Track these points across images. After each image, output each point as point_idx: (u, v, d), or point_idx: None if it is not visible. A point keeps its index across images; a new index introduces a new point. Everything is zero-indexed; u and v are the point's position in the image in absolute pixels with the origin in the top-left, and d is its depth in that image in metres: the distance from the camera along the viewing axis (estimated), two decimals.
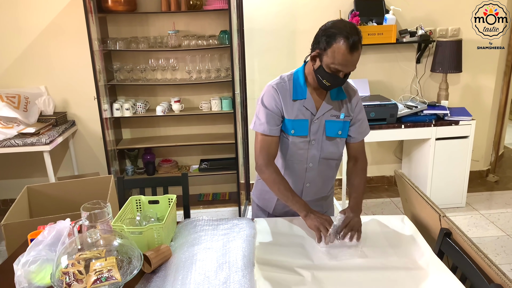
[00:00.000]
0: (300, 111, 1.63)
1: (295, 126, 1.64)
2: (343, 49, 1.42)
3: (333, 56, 1.45)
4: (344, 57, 1.43)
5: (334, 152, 1.71)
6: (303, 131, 1.65)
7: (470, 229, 3.11)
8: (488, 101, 3.75)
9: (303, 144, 1.67)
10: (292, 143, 1.67)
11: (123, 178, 2.04)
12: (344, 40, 1.42)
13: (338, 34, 1.43)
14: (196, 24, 3.40)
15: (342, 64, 1.45)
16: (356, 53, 1.44)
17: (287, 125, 1.64)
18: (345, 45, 1.42)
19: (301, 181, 1.73)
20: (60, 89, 3.51)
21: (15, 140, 3.04)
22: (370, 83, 3.54)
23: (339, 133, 1.67)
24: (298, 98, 1.63)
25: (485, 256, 1.24)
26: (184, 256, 1.45)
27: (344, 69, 1.47)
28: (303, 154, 1.68)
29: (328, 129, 1.65)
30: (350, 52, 1.43)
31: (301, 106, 1.63)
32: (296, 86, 1.64)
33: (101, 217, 1.45)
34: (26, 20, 3.33)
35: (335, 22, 1.48)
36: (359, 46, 1.44)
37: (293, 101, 1.63)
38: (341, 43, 1.42)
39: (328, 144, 1.68)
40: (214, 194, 3.82)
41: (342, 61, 1.44)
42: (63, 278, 1.25)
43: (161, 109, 3.35)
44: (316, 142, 1.67)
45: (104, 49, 3.23)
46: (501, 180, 3.97)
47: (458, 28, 3.53)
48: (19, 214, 2.23)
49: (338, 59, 1.44)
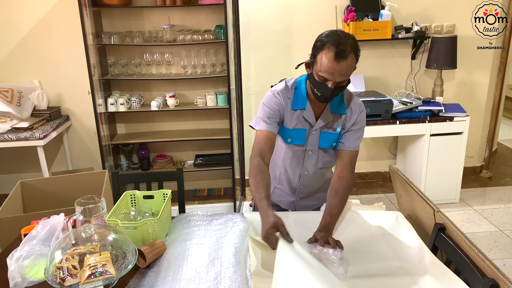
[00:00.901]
0: (298, 121, 1.63)
1: (293, 135, 1.65)
2: (329, 56, 1.40)
3: (320, 63, 1.44)
4: (330, 64, 1.41)
5: (330, 161, 1.74)
6: (300, 140, 1.66)
7: (464, 225, 3.13)
8: (482, 98, 3.77)
9: (299, 153, 1.70)
10: (288, 150, 1.70)
11: (117, 173, 2.04)
12: (331, 47, 1.40)
13: (328, 42, 1.41)
14: (191, 18, 3.38)
15: (328, 72, 1.42)
16: (343, 62, 1.40)
17: (285, 132, 1.66)
18: (331, 53, 1.39)
19: (295, 183, 1.78)
20: (54, 84, 3.48)
21: (8, 134, 3.02)
22: (365, 79, 3.54)
23: (333, 145, 1.69)
24: (298, 108, 1.62)
25: (479, 251, 1.25)
26: (177, 251, 1.45)
27: (330, 78, 1.43)
28: (298, 162, 1.72)
29: (322, 140, 1.66)
30: (336, 60, 1.39)
31: (300, 116, 1.63)
32: (298, 95, 1.62)
33: (96, 212, 1.44)
34: (19, 14, 3.29)
35: (331, 31, 1.46)
36: (347, 55, 1.40)
37: (293, 111, 1.63)
38: (328, 50, 1.41)
39: (323, 154, 1.71)
40: (209, 190, 3.82)
41: (328, 68, 1.42)
42: (57, 273, 1.24)
43: (156, 104, 3.34)
44: (312, 153, 1.69)
45: (98, 43, 3.21)
46: (495, 176, 4.00)
47: (453, 25, 3.53)
48: (13, 209, 2.22)
49: (324, 66, 1.42)
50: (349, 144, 1.66)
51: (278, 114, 1.62)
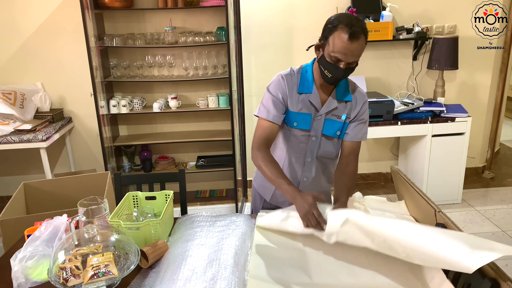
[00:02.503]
0: (304, 105, 1.64)
1: (298, 119, 1.65)
2: (343, 37, 1.43)
3: (333, 44, 1.46)
4: (344, 44, 1.44)
5: (331, 151, 1.72)
6: (306, 125, 1.65)
7: (466, 225, 3.12)
8: (484, 98, 3.77)
9: (304, 138, 1.68)
10: (294, 136, 1.68)
11: (120, 174, 2.05)
12: (344, 28, 1.43)
13: (340, 23, 1.44)
14: (193, 20, 3.39)
15: (342, 52, 1.45)
16: (356, 42, 1.43)
17: (290, 116, 1.65)
18: (345, 33, 1.43)
19: (298, 174, 1.75)
20: (56, 86, 3.50)
21: (11, 136, 3.03)
22: (367, 80, 3.55)
23: (337, 134, 1.68)
24: (304, 92, 1.63)
25: None
26: (177, 251, 1.45)
27: (344, 58, 1.46)
28: (303, 148, 1.70)
29: (326, 127, 1.66)
30: (349, 40, 1.43)
31: (306, 100, 1.64)
32: (304, 79, 1.64)
33: (98, 213, 1.45)
34: (22, 16, 3.31)
35: (341, 14, 1.50)
36: (361, 36, 1.43)
37: (299, 94, 1.64)
38: (341, 31, 1.44)
39: (325, 142, 1.69)
40: (211, 191, 3.83)
41: (342, 48, 1.45)
42: (60, 274, 1.25)
43: (158, 106, 3.35)
44: (316, 139, 1.68)
45: (100, 46, 3.22)
46: (497, 177, 3.99)
47: (454, 25, 3.54)
48: (16, 210, 2.23)
49: (337, 47, 1.45)
50: (353, 134, 1.67)
51: (283, 103, 1.63)
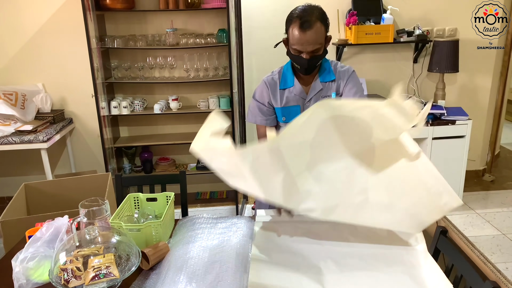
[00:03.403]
0: (289, 99, 1.74)
1: (285, 113, 1.73)
2: (296, 29, 1.54)
3: (291, 37, 1.58)
4: (298, 36, 1.54)
5: None
6: (295, 116, 1.62)
7: (466, 228, 3.12)
8: (484, 101, 3.77)
9: None
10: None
11: (121, 176, 2.05)
12: (296, 20, 1.53)
13: (293, 16, 1.55)
14: (194, 22, 3.40)
15: (298, 44, 1.55)
16: (310, 31, 1.52)
17: (277, 113, 1.77)
18: (297, 25, 1.53)
19: None
20: (57, 87, 3.50)
21: (12, 137, 3.04)
22: (368, 82, 3.55)
23: None
24: (286, 87, 1.74)
25: (481, 254, 1.26)
26: (178, 253, 1.45)
27: (302, 48, 1.55)
28: None
29: None
30: (301, 31, 1.52)
31: (290, 93, 1.73)
32: (284, 76, 1.75)
33: (99, 214, 1.45)
34: (24, 17, 3.32)
35: (298, 6, 1.59)
36: (312, 25, 1.51)
37: (282, 90, 1.74)
38: (294, 24, 1.54)
39: None
40: (211, 193, 3.83)
41: (297, 40, 1.55)
42: (61, 275, 1.25)
43: (159, 107, 3.35)
44: None
45: (102, 47, 3.23)
46: (497, 180, 3.99)
47: (455, 28, 3.54)
48: (17, 211, 2.23)
49: (294, 39, 1.56)
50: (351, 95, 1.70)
51: (268, 105, 1.75)
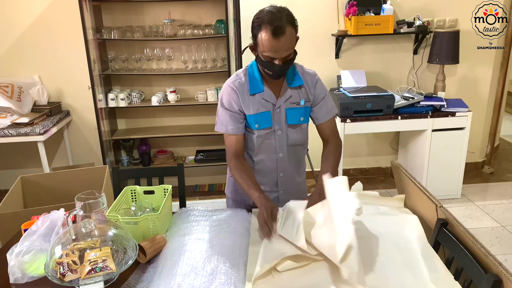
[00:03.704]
0: (260, 104, 1.63)
1: (258, 119, 1.65)
2: (268, 36, 1.43)
3: (261, 44, 1.46)
4: (271, 43, 1.43)
5: (300, 138, 1.74)
6: (267, 122, 1.66)
7: (465, 220, 3.12)
8: (484, 93, 3.75)
9: (269, 135, 1.69)
10: (258, 137, 1.69)
11: (118, 168, 2.03)
12: (267, 26, 1.42)
13: (262, 22, 1.44)
14: (192, 13, 3.36)
15: (272, 51, 1.45)
16: (283, 37, 1.42)
17: (250, 120, 1.65)
18: (268, 32, 1.42)
19: (274, 172, 1.76)
20: (54, 79, 3.47)
21: (8, 130, 3.01)
22: (367, 74, 3.52)
23: (301, 120, 1.68)
24: (256, 92, 1.63)
25: (482, 246, 1.24)
26: (174, 246, 1.44)
27: (275, 55, 1.46)
28: (271, 144, 1.70)
29: (289, 116, 1.66)
30: (275, 38, 1.42)
31: (260, 99, 1.63)
32: (252, 80, 1.63)
33: (96, 207, 1.43)
34: (19, 9, 3.27)
35: (262, 10, 1.49)
36: (285, 30, 1.42)
37: (252, 96, 1.63)
38: (264, 30, 1.43)
39: (292, 132, 1.70)
40: (210, 185, 3.82)
41: (270, 47, 1.44)
42: (57, 268, 1.24)
43: (157, 100, 3.33)
44: (281, 131, 1.69)
45: (98, 38, 3.19)
46: (496, 172, 3.99)
47: (455, 19, 3.51)
48: (13, 204, 2.22)
49: (266, 47, 1.45)
50: (322, 116, 1.69)
51: (239, 112, 1.64)
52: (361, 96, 3.17)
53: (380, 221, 1.60)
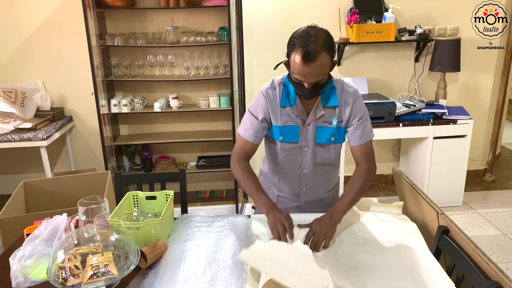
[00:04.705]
0: (289, 117, 1.59)
1: (284, 132, 1.60)
2: (298, 60, 1.38)
3: (293, 65, 1.42)
4: (300, 67, 1.39)
5: (329, 158, 1.67)
6: (293, 137, 1.61)
7: (467, 228, 3.11)
8: (486, 101, 3.76)
9: (294, 150, 1.64)
10: (282, 149, 1.65)
11: (120, 174, 2.04)
12: (299, 49, 1.37)
13: (296, 44, 1.38)
14: (194, 20, 3.38)
15: (300, 75, 1.41)
16: (313, 64, 1.37)
17: (274, 131, 1.62)
18: (299, 56, 1.37)
19: (296, 185, 1.72)
20: (57, 85, 3.49)
21: (11, 135, 3.02)
22: (369, 81, 3.54)
23: (331, 140, 1.62)
24: (287, 105, 1.58)
25: (483, 254, 1.24)
26: (175, 252, 1.44)
27: (304, 80, 1.42)
28: (295, 160, 1.66)
29: (319, 135, 1.61)
30: (304, 63, 1.37)
31: (290, 112, 1.59)
32: (285, 92, 1.59)
33: (98, 212, 1.44)
34: (23, 15, 3.30)
35: (302, 29, 1.42)
36: (316, 57, 1.35)
37: (282, 108, 1.59)
38: (297, 52, 1.38)
39: (321, 150, 1.65)
40: (211, 191, 3.82)
41: (299, 71, 1.40)
42: (59, 273, 1.24)
43: (159, 106, 3.34)
44: (308, 149, 1.64)
45: (102, 45, 3.22)
46: (498, 180, 3.98)
47: (456, 27, 3.53)
48: (16, 209, 2.22)
49: (295, 69, 1.41)
50: (356, 139, 1.61)
51: (265, 121, 1.61)
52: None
53: (379, 228, 1.60)
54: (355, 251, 1.47)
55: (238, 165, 1.61)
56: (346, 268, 1.38)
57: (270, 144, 1.70)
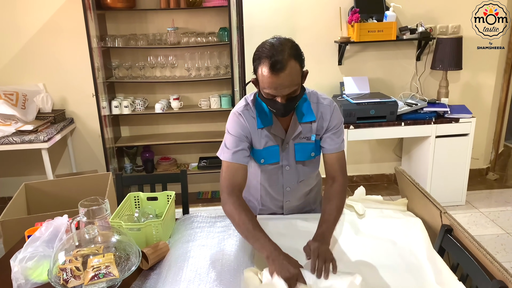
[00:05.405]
0: (269, 138, 1.52)
1: (265, 154, 1.54)
2: (266, 72, 1.29)
3: (261, 80, 1.33)
4: (270, 79, 1.29)
5: (311, 170, 1.63)
6: (274, 157, 1.55)
7: (470, 227, 3.10)
8: (488, 99, 3.74)
9: (275, 170, 1.59)
10: (264, 171, 1.60)
11: (121, 175, 2.03)
12: (266, 61, 1.28)
13: (262, 57, 1.30)
14: (195, 21, 3.38)
15: (271, 88, 1.31)
16: (283, 74, 1.27)
17: (257, 154, 1.54)
18: (267, 68, 1.28)
19: (279, 200, 1.68)
20: (58, 87, 3.49)
21: (13, 137, 3.03)
22: (370, 80, 3.53)
23: (312, 155, 1.57)
24: (265, 126, 1.50)
25: (487, 252, 1.23)
26: (178, 252, 1.44)
27: (276, 93, 1.32)
28: (277, 180, 1.61)
29: (298, 153, 1.55)
30: (273, 74, 1.28)
31: (268, 133, 1.51)
32: (261, 112, 1.50)
33: (99, 213, 1.43)
34: (24, 17, 3.31)
35: (264, 42, 1.35)
36: (285, 66, 1.27)
37: (260, 130, 1.51)
38: (263, 65, 1.29)
39: (303, 168, 1.60)
40: (213, 192, 3.81)
41: (269, 84, 1.30)
42: (60, 275, 1.24)
43: (160, 107, 3.34)
44: (290, 167, 1.58)
45: (102, 46, 3.22)
46: (501, 178, 3.96)
47: (458, 26, 3.51)
48: (17, 211, 2.22)
49: (265, 83, 1.31)
50: (331, 147, 1.53)
51: (245, 139, 1.50)
52: (364, 103, 3.17)
53: (384, 224, 1.60)
54: (361, 248, 1.48)
55: (230, 200, 1.42)
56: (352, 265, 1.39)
57: (252, 163, 1.62)
